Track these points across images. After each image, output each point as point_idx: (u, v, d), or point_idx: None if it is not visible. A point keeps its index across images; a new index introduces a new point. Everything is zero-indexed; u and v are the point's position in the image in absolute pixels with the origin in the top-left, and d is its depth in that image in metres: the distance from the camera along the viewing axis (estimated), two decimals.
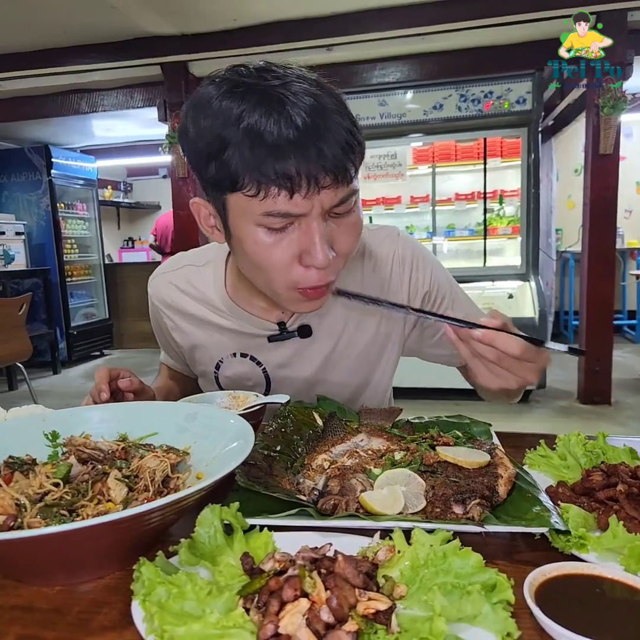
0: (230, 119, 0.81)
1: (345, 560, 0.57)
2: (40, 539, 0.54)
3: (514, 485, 0.79)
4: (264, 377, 1.19)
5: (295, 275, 0.90)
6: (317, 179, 0.81)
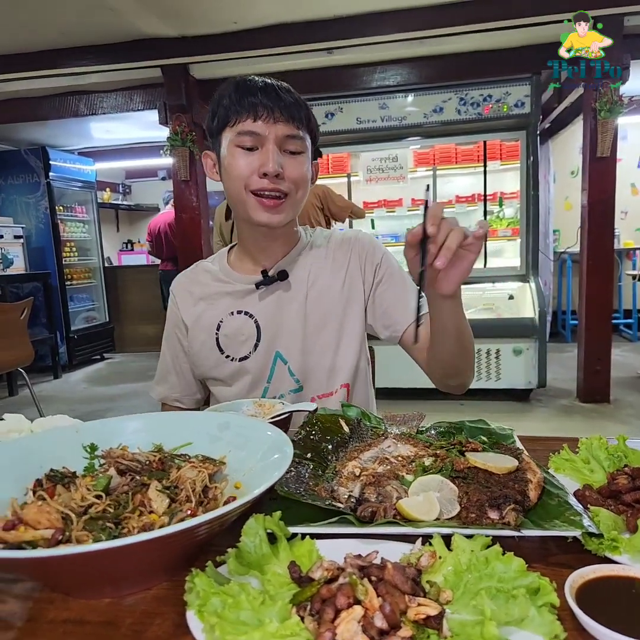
0: (225, 86, 1.27)
1: (394, 567, 0.59)
2: (93, 554, 0.55)
3: (543, 490, 0.81)
4: (255, 327, 1.38)
5: (251, 181, 1.23)
6: (273, 111, 1.20)
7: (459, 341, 1.18)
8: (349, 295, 1.41)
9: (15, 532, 0.65)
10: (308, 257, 1.43)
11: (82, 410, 5.45)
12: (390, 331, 1.40)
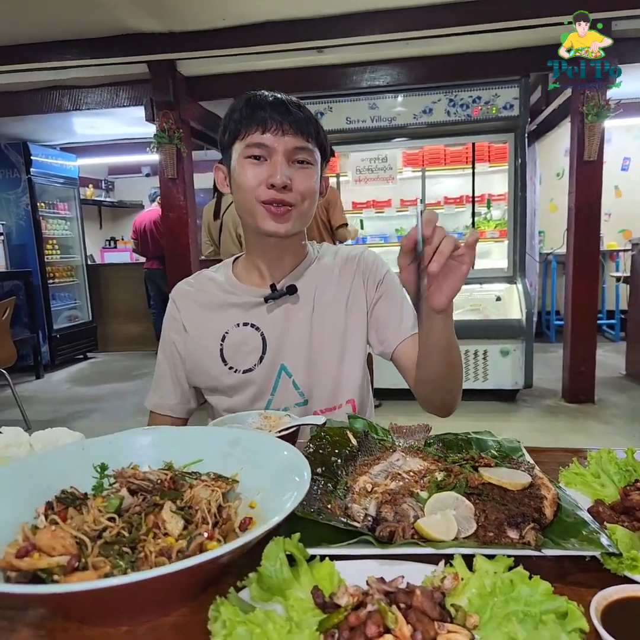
0: (237, 101, 1.29)
1: (422, 593, 0.58)
2: (117, 587, 0.53)
3: (558, 506, 0.81)
4: (261, 340, 1.39)
5: (260, 192, 1.25)
6: (282, 124, 1.23)
7: (447, 359, 1.18)
8: (353, 311, 1.43)
9: (30, 560, 0.63)
10: (315, 271, 1.45)
11: (65, 411, 5.38)
12: (384, 347, 1.42)
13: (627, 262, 6.01)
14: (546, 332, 7.54)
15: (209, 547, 0.67)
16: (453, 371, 1.22)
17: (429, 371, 1.23)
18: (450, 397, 1.31)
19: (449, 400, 1.32)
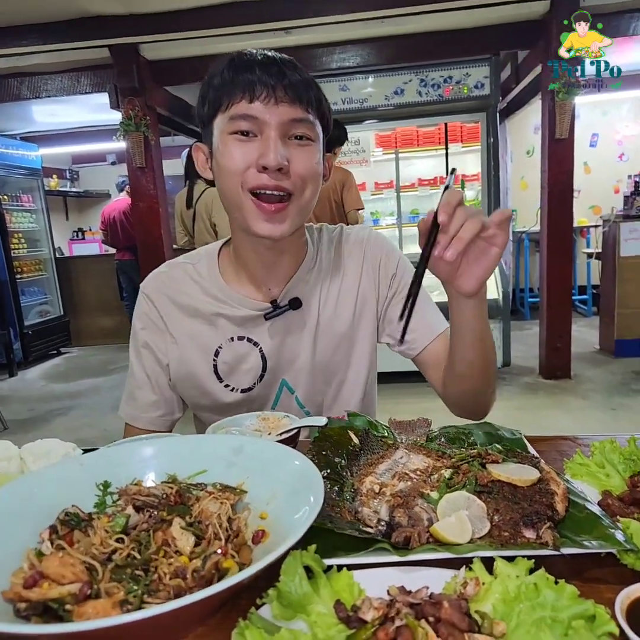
0: (217, 63, 1.06)
1: (450, 605, 0.57)
2: (143, 621, 0.51)
3: (569, 501, 0.80)
4: (261, 357, 1.24)
5: (249, 176, 1.04)
6: (274, 89, 1.00)
7: (480, 351, 1.08)
8: (362, 314, 1.30)
9: (39, 590, 0.60)
10: (318, 274, 1.27)
11: (42, 409, 5.29)
12: (406, 347, 1.30)
13: (599, 238, 6.09)
14: (521, 309, 7.63)
15: (225, 565, 0.65)
16: (487, 365, 1.12)
17: (460, 367, 1.12)
18: (484, 398, 1.21)
19: (483, 401, 1.22)
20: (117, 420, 4.55)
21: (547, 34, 4.47)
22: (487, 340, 1.08)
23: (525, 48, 5.03)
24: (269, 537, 0.72)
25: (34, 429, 4.74)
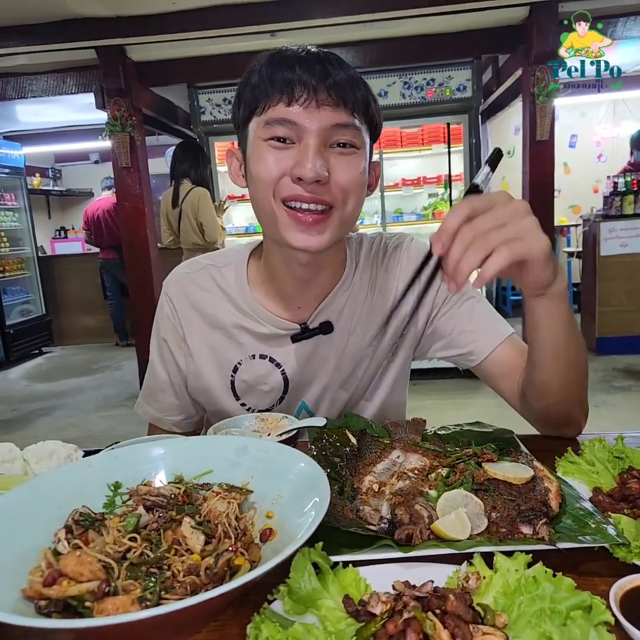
0: (257, 60, 0.97)
1: (456, 598, 0.60)
2: (165, 615, 0.53)
3: (562, 497, 0.84)
4: (283, 379, 1.18)
5: (282, 186, 0.95)
6: (316, 91, 0.90)
7: (566, 357, 0.95)
8: (396, 333, 1.18)
9: (59, 587, 0.62)
10: (352, 293, 1.17)
11: (26, 409, 5.26)
12: (464, 359, 1.20)
13: (579, 237, 6.19)
14: (503, 307, 7.72)
15: (237, 562, 0.67)
16: (573, 373, 0.98)
17: (541, 376, 0.99)
18: (575, 409, 1.06)
19: (574, 414, 1.07)
20: (102, 420, 4.57)
21: (527, 39, 4.54)
22: (571, 344, 0.95)
23: (505, 52, 5.09)
24: (277, 535, 0.74)
25: (18, 429, 4.71)
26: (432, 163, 5.77)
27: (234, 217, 6.24)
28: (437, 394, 4.59)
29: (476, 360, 1.18)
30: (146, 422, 1.31)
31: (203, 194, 4.50)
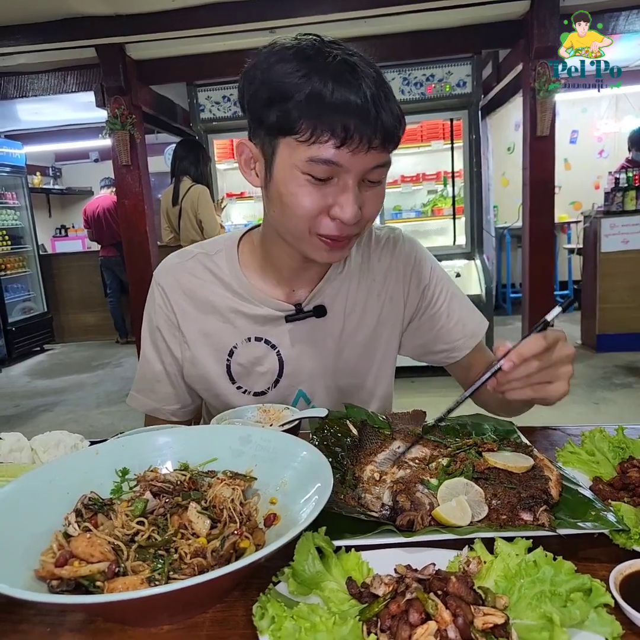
0: (300, 73, 0.89)
1: (458, 579, 0.61)
2: (173, 592, 0.54)
3: (562, 486, 0.85)
4: (278, 360, 1.21)
5: (319, 223, 0.98)
6: (369, 139, 0.90)
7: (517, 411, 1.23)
8: (386, 323, 1.26)
9: (70, 568, 0.63)
10: (346, 279, 1.22)
11: (28, 406, 5.27)
12: (442, 356, 1.30)
13: (580, 234, 6.19)
14: (503, 305, 7.73)
15: (242, 545, 0.69)
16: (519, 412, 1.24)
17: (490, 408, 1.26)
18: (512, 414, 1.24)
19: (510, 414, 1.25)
20: (103, 417, 4.59)
21: (528, 34, 4.53)
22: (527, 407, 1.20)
23: (506, 47, 5.08)
24: (280, 520, 0.76)
25: (20, 425, 4.73)
26: (431, 160, 5.77)
27: (232, 214, 6.25)
28: (435, 391, 4.59)
29: (453, 359, 1.30)
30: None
31: (203, 191, 4.51)
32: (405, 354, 1.35)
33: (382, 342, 1.27)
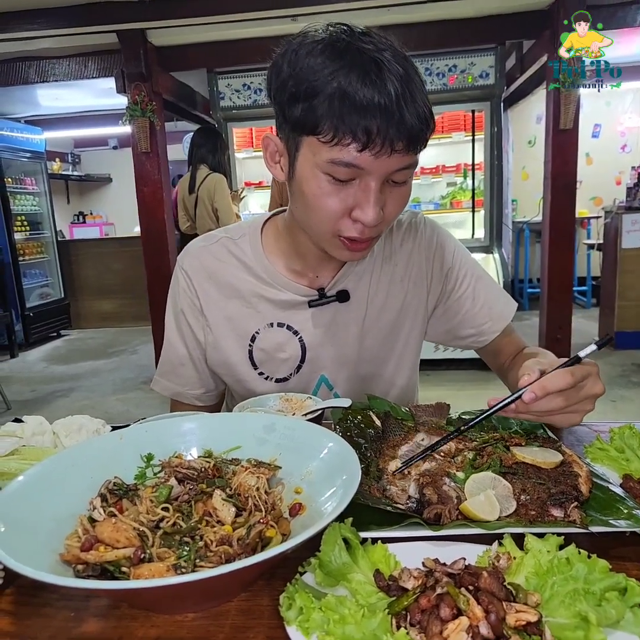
0: (327, 70, 0.87)
1: (490, 575, 0.60)
2: (201, 581, 0.53)
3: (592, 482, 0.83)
4: (300, 346, 1.20)
5: (341, 225, 0.97)
6: (392, 142, 0.87)
7: None
8: (409, 308, 1.25)
9: (96, 553, 0.63)
10: (369, 264, 1.21)
11: (44, 391, 5.32)
12: (470, 341, 1.29)
13: (601, 229, 6.11)
14: (519, 300, 7.66)
15: (268, 534, 0.68)
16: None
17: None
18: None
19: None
20: (118, 403, 4.62)
21: (553, 24, 4.45)
22: None
23: (531, 38, 5.00)
24: (306, 510, 0.75)
25: (36, 410, 4.77)
26: (451, 151, 5.71)
27: (250, 203, 6.24)
28: (450, 384, 4.57)
29: (482, 343, 1.28)
30: (161, 404, 1.33)
31: (219, 180, 4.50)
32: (432, 340, 1.34)
33: (404, 329, 1.26)
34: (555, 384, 0.80)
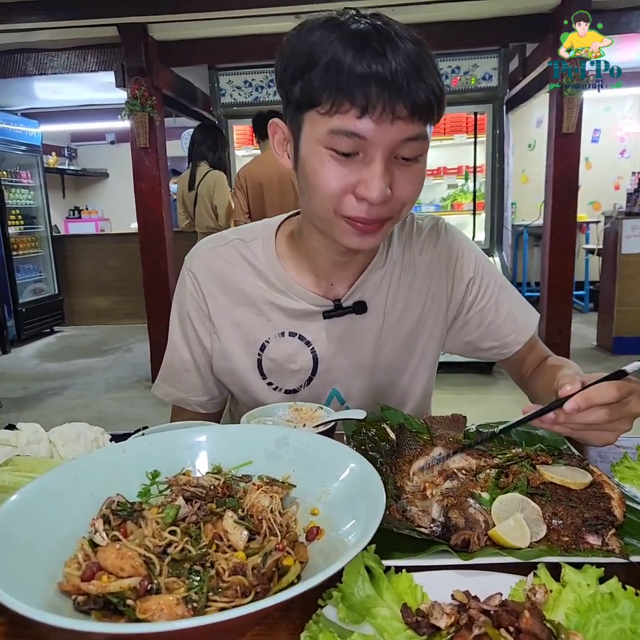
0: (325, 41, 0.83)
1: (531, 614, 0.55)
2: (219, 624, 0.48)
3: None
4: (312, 357, 1.14)
5: (344, 204, 0.91)
6: (394, 107, 0.82)
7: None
8: (429, 320, 1.19)
9: (99, 583, 0.57)
10: (387, 273, 1.15)
11: (36, 388, 5.24)
12: (492, 353, 1.24)
13: (600, 234, 6.09)
14: None
15: (285, 563, 0.63)
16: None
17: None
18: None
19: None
20: (112, 402, 4.55)
21: (557, 28, 4.41)
22: None
23: (534, 41, 4.97)
24: (324, 534, 0.69)
25: (28, 408, 4.69)
26: (453, 153, 5.67)
27: None
28: (451, 388, 4.53)
29: (504, 355, 1.24)
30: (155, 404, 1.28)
31: (219, 177, 4.44)
32: (451, 351, 1.29)
33: (421, 340, 1.20)
34: (601, 396, 0.76)
